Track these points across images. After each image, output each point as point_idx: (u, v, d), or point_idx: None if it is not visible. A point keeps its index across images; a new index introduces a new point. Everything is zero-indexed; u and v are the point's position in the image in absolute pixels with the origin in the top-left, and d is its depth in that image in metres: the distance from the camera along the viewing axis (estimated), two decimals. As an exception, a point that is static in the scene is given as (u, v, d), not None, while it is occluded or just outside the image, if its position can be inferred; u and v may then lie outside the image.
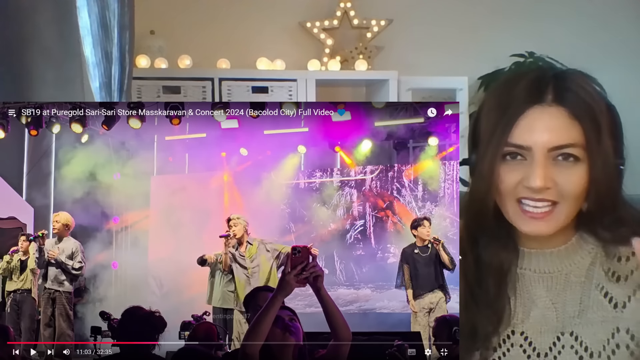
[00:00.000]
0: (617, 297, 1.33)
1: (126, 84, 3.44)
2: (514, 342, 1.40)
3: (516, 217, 1.34)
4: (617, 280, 1.34)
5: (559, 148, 1.29)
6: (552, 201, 1.30)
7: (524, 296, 1.41)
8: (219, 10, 4.54)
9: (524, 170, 1.30)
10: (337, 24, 4.54)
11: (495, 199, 1.36)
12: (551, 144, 1.28)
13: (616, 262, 1.35)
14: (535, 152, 1.29)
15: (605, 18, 4.76)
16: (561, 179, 1.29)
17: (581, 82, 1.33)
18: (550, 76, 1.33)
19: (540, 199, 1.30)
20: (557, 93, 1.31)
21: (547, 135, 1.29)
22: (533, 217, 1.31)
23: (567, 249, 1.40)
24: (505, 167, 1.32)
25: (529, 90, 1.31)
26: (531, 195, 1.30)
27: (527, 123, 1.30)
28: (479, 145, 1.36)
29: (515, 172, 1.31)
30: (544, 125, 1.29)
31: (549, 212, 1.31)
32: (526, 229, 1.33)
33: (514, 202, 1.33)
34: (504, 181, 1.32)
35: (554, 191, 1.29)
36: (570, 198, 1.30)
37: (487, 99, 1.40)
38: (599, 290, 1.35)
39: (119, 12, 3.34)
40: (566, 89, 1.31)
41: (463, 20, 4.71)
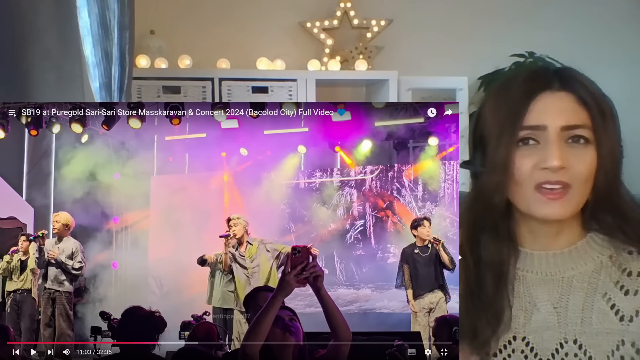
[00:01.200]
0: (625, 310, 1.33)
1: (126, 84, 3.44)
2: (515, 348, 1.39)
3: (533, 202, 1.34)
4: (626, 293, 1.34)
5: (571, 128, 1.32)
6: (566, 184, 1.32)
7: (525, 299, 1.40)
8: (219, 10, 4.54)
9: (539, 153, 1.33)
10: (337, 24, 4.54)
11: (511, 191, 1.36)
12: (564, 123, 1.32)
13: (626, 277, 1.35)
14: (550, 131, 1.32)
15: (605, 19, 4.77)
16: (573, 160, 1.32)
17: (580, 75, 1.38)
18: (552, 70, 1.39)
19: (556, 181, 1.31)
20: (562, 81, 1.36)
21: (560, 116, 1.33)
22: (550, 199, 1.32)
23: (571, 252, 1.40)
24: (520, 153, 1.34)
25: (534, 81, 1.36)
26: (548, 178, 1.32)
27: (540, 106, 1.34)
28: (487, 140, 1.37)
29: (529, 157, 1.33)
30: (555, 107, 1.34)
31: (563, 193, 1.32)
32: (543, 212, 1.34)
33: (531, 188, 1.33)
34: (520, 168, 1.33)
35: (568, 173, 1.31)
36: (582, 181, 1.32)
37: (490, 98, 1.42)
38: (605, 301, 1.35)
39: (119, 12, 3.34)
40: (570, 77, 1.37)
41: (463, 21, 4.71)
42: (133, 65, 3.59)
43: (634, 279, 1.35)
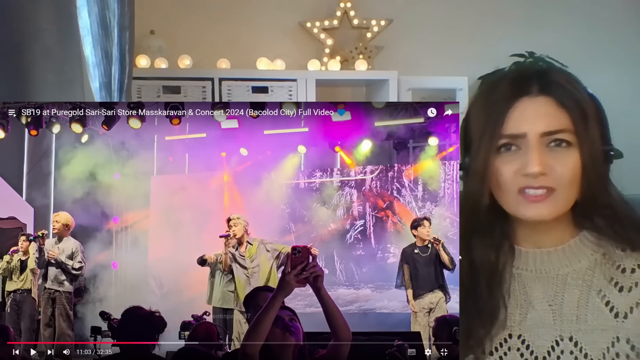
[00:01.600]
0: (619, 307, 1.34)
1: (126, 84, 3.45)
2: (511, 346, 1.39)
3: (518, 205, 1.35)
4: (620, 290, 1.35)
5: (551, 133, 1.32)
6: (550, 188, 1.32)
7: (520, 297, 1.40)
8: (219, 10, 4.54)
9: (520, 159, 1.33)
10: (337, 24, 4.54)
11: (495, 195, 1.37)
12: (544, 129, 1.32)
13: (620, 273, 1.36)
14: (529, 138, 1.32)
15: (605, 19, 4.76)
16: (556, 164, 1.32)
17: (562, 76, 1.37)
18: (532, 72, 1.38)
19: (539, 186, 1.31)
20: (541, 85, 1.35)
21: (539, 122, 1.32)
22: (534, 201, 1.32)
23: (564, 250, 1.40)
24: (501, 160, 1.34)
25: (514, 86, 1.36)
26: (530, 184, 1.32)
27: (518, 113, 1.34)
28: (471, 145, 1.38)
29: (511, 163, 1.34)
30: (534, 113, 1.33)
31: (547, 195, 1.32)
32: (528, 214, 1.34)
33: (514, 193, 1.34)
34: (502, 174, 1.34)
35: (550, 177, 1.31)
36: (566, 184, 1.32)
37: (474, 101, 1.43)
38: (600, 298, 1.36)
39: (119, 12, 3.34)
40: (550, 81, 1.36)
41: (463, 21, 4.71)
42: (133, 65, 3.59)
43: (628, 275, 1.35)
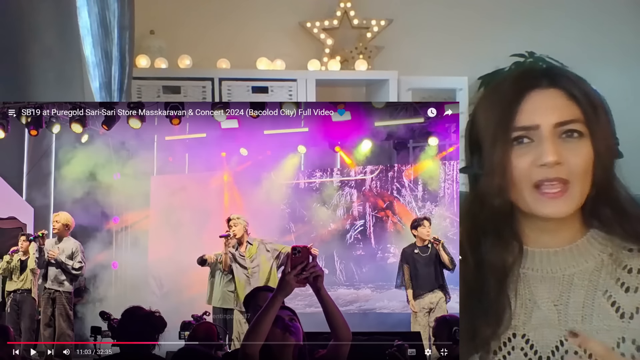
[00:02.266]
0: (625, 307, 1.34)
1: (126, 84, 3.45)
2: (515, 345, 1.39)
3: (534, 202, 1.35)
4: (627, 290, 1.35)
5: (564, 124, 1.33)
6: (565, 180, 1.32)
7: (525, 297, 1.40)
8: (219, 10, 4.54)
9: (534, 151, 1.33)
10: (337, 24, 4.54)
11: (510, 192, 1.36)
12: (557, 120, 1.33)
13: (626, 274, 1.36)
14: (543, 129, 1.33)
15: (605, 19, 4.76)
16: (569, 155, 1.32)
17: (569, 73, 1.40)
18: (538, 68, 1.42)
19: (554, 178, 1.32)
20: (550, 78, 1.37)
21: (551, 113, 1.34)
22: (551, 197, 1.33)
23: (572, 250, 1.40)
24: (515, 153, 1.35)
25: (523, 80, 1.38)
26: (545, 176, 1.32)
27: (530, 105, 1.35)
28: (482, 144, 1.38)
29: (525, 156, 1.34)
30: (546, 104, 1.35)
31: (564, 190, 1.33)
32: (545, 211, 1.34)
33: (530, 187, 1.34)
34: (517, 167, 1.34)
35: (565, 168, 1.32)
36: (580, 175, 1.33)
37: (481, 101, 1.44)
38: (606, 298, 1.35)
39: (119, 12, 3.34)
40: (558, 74, 1.38)
41: (463, 21, 4.71)
42: (133, 65, 3.59)
43: (635, 275, 1.35)
